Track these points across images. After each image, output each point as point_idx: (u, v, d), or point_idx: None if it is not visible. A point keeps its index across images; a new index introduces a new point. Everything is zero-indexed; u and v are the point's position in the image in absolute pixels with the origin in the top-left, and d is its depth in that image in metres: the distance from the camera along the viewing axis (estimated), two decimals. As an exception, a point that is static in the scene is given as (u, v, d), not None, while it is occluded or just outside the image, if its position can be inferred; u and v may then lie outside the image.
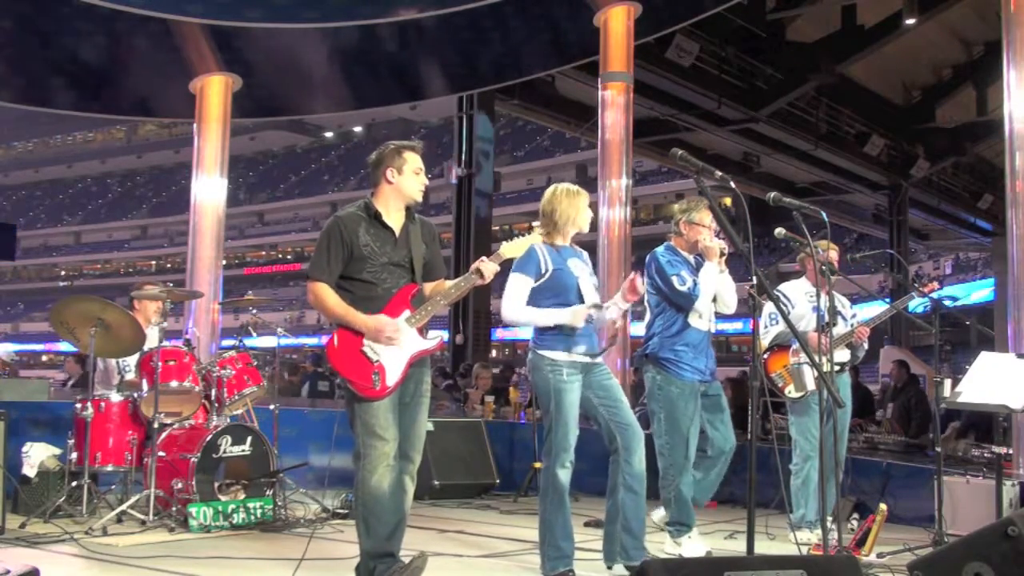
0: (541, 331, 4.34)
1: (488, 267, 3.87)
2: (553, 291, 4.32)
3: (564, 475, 4.24)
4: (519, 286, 4.32)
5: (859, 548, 4.72)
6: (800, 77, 15.93)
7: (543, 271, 4.32)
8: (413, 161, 3.90)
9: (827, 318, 4.36)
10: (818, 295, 5.65)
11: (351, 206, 3.93)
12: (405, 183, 3.88)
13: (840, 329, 5.54)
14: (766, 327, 5.70)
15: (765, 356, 5.69)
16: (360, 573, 3.82)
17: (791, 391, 5.59)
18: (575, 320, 4.27)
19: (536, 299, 4.31)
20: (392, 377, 3.74)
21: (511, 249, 3.99)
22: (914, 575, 3.45)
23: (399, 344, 3.76)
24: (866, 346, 5.79)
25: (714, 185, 3.68)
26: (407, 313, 3.82)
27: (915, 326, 21.17)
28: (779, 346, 5.67)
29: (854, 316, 5.91)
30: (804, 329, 5.55)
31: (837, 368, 5.39)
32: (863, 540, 4.77)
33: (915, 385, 11.12)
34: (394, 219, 3.89)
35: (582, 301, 4.32)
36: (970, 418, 8.85)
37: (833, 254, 5.62)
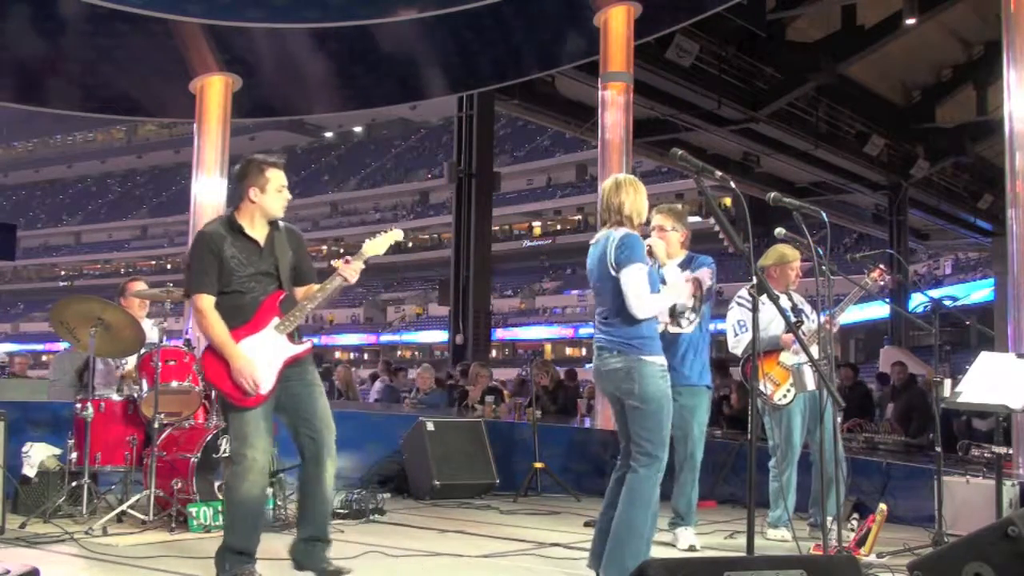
0: (646, 335, 4.04)
1: (352, 268, 3.96)
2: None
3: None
4: (643, 276, 4.01)
5: (859, 548, 4.72)
6: (800, 77, 15.94)
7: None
8: (276, 179, 3.98)
9: (792, 318, 4.38)
10: (815, 299, 5.67)
11: (213, 221, 4.06)
12: (268, 201, 3.97)
13: (810, 327, 5.56)
14: (736, 335, 5.68)
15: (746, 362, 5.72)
16: (217, 560, 4.00)
17: (780, 397, 5.59)
18: (682, 293, 4.29)
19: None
20: (265, 387, 3.88)
21: (373, 247, 4.04)
22: (914, 575, 3.45)
23: (270, 351, 3.90)
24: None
25: (714, 185, 3.68)
26: (276, 320, 3.95)
27: (915, 326, 21.19)
28: (764, 352, 5.64)
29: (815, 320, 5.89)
30: (775, 333, 5.57)
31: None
32: (863, 540, 4.76)
33: (915, 385, 11.14)
34: (258, 232, 4.00)
35: None
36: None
37: (796, 263, 5.74)
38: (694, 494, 5.45)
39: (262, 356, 3.90)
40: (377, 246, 4.04)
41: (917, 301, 23.09)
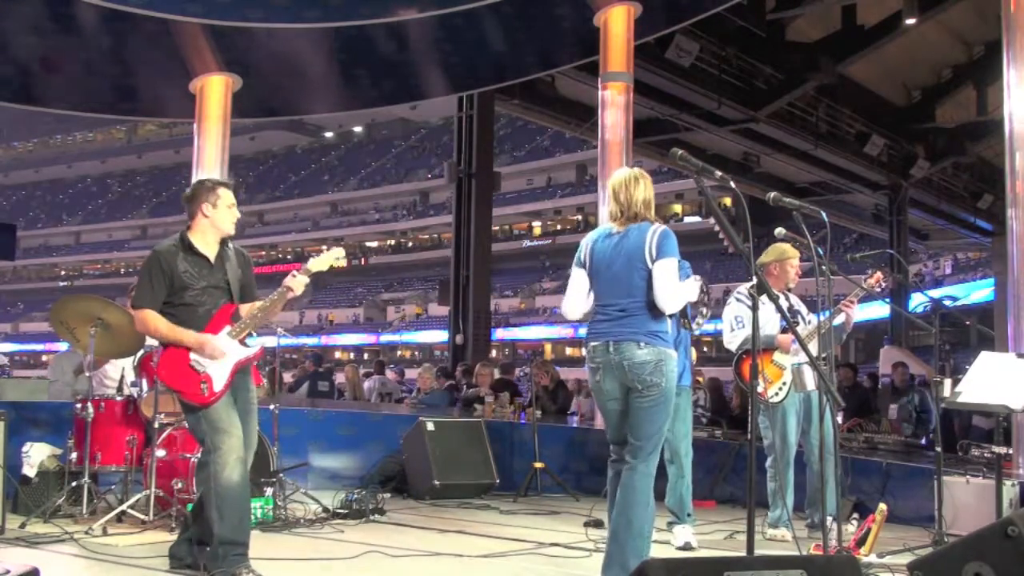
0: (668, 330, 4.04)
1: (298, 281, 4.20)
2: None
3: None
4: (677, 270, 4.01)
5: (859, 548, 4.72)
6: (800, 77, 15.91)
7: None
8: (226, 197, 4.26)
9: (790, 319, 4.37)
10: (814, 299, 5.68)
11: (168, 240, 4.30)
12: (219, 217, 4.24)
13: (801, 329, 5.57)
14: (732, 330, 5.70)
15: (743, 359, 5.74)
16: (208, 556, 4.09)
17: (773, 394, 5.60)
18: (694, 291, 4.23)
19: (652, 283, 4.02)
20: (218, 384, 4.12)
21: (318, 264, 4.29)
22: (914, 575, 3.45)
23: (223, 355, 4.13)
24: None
25: (714, 185, 3.68)
26: (228, 328, 4.21)
27: (915, 326, 21.18)
28: (762, 349, 5.65)
29: (810, 322, 5.90)
30: (770, 332, 5.58)
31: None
32: (863, 540, 4.77)
33: (916, 386, 11.15)
34: (209, 248, 4.25)
35: None
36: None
37: (796, 262, 5.75)
38: (686, 492, 5.47)
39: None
40: (320, 263, 4.29)
41: (917, 301, 23.08)
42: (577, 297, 4.19)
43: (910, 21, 14.44)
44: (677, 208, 48.20)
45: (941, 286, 34.75)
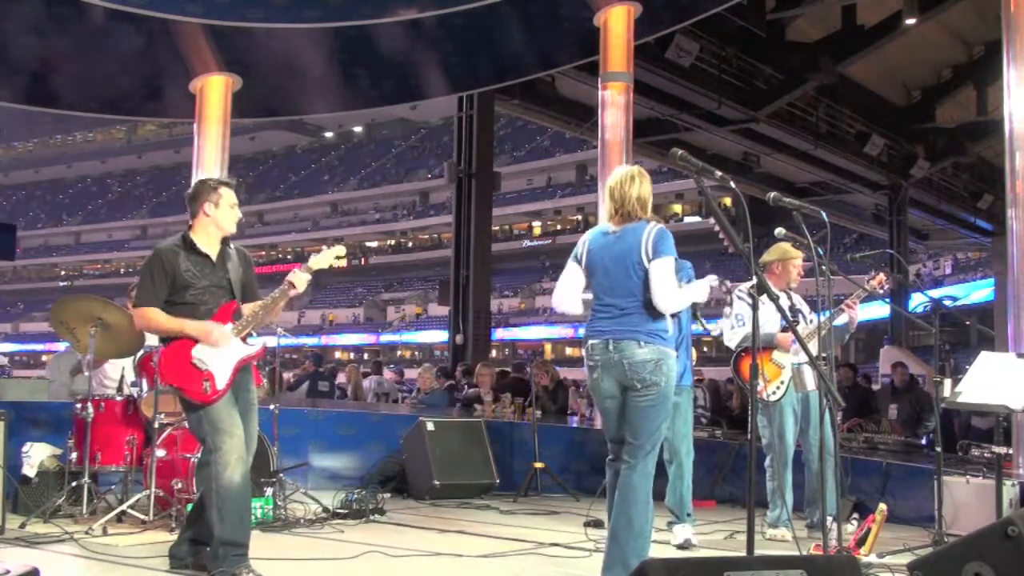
0: (668, 329, 4.03)
1: (300, 278, 4.23)
2: None
3: None
4: (673, 268, 4.00)
5: (859, 548, 4.72)
6: (800, 77, 15.92)
7: None
8: (228, 196, 4.29)
9: (790, 318, 4.38)
10: (814, 299, 5.68)
11: (169, 239, 4.32)
12: (221, 216, 4.26)
13: (803, 329, 5.57)
14: (732, 328, 5.71)
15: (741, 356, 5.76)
16: (208, 556, 4.11)
17: (770, 393, 5.60)
18: (702, 292, 4.18)
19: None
20: (221, 382, 4.12)
21: (319, 262, 4.32)
22: (914, 575, 3.45)
23: (225, 349, 4.13)
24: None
25: (714, 185, 3.68)
26: (230, 325, 4.22)
27: (915, 326, 21.18)
28: (762, 348, 5.65)
29: (811, 321, 5.90)
30: (769, 331, 5.57)
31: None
32: (863, 540, 4.77)
33: (918, 386, 11.13)
34: (211, 248, 4.28)
35: None
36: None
37: (799, 262, 5.77)
38: (686, 492, 5.47)
39: (218, 353, 4.14)
40: (321, 261, 4.31)
41: (917, 301, 23.08)
42: (567, 289, 4.23)
43: (910, 21, 14.44)
44: (677, 208, 48.17)
45: (941, 286, 34.75)
